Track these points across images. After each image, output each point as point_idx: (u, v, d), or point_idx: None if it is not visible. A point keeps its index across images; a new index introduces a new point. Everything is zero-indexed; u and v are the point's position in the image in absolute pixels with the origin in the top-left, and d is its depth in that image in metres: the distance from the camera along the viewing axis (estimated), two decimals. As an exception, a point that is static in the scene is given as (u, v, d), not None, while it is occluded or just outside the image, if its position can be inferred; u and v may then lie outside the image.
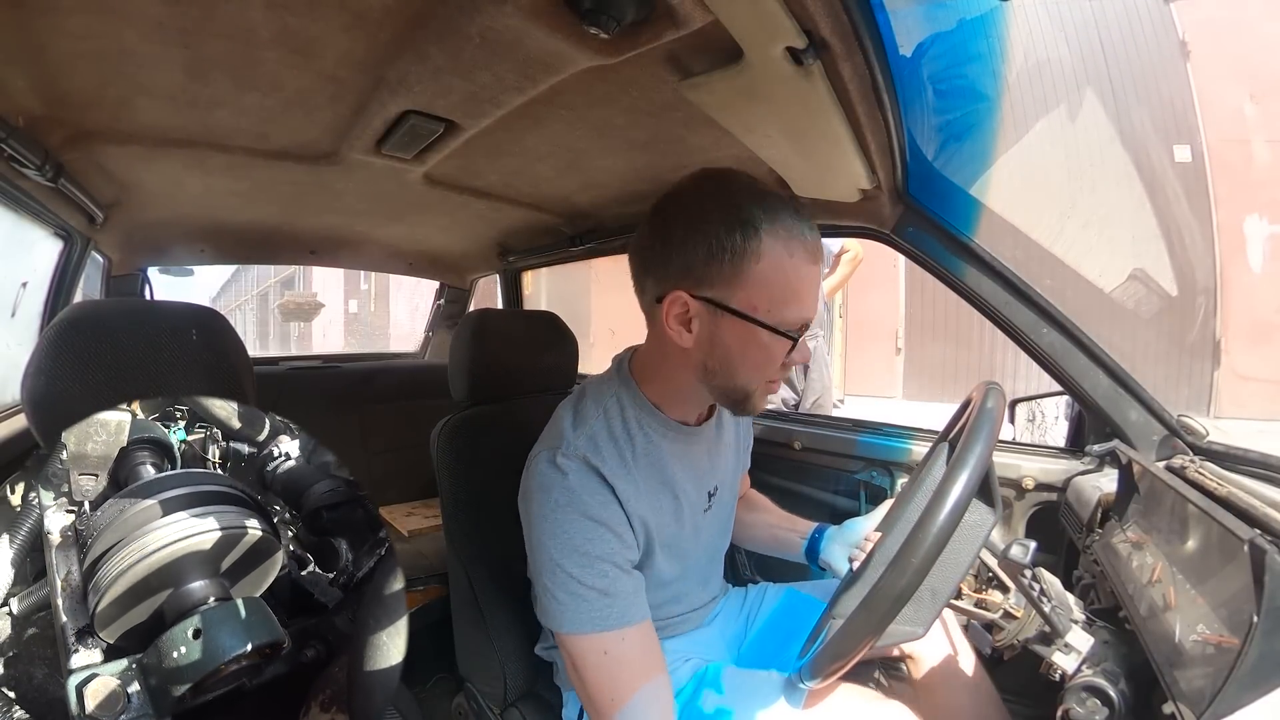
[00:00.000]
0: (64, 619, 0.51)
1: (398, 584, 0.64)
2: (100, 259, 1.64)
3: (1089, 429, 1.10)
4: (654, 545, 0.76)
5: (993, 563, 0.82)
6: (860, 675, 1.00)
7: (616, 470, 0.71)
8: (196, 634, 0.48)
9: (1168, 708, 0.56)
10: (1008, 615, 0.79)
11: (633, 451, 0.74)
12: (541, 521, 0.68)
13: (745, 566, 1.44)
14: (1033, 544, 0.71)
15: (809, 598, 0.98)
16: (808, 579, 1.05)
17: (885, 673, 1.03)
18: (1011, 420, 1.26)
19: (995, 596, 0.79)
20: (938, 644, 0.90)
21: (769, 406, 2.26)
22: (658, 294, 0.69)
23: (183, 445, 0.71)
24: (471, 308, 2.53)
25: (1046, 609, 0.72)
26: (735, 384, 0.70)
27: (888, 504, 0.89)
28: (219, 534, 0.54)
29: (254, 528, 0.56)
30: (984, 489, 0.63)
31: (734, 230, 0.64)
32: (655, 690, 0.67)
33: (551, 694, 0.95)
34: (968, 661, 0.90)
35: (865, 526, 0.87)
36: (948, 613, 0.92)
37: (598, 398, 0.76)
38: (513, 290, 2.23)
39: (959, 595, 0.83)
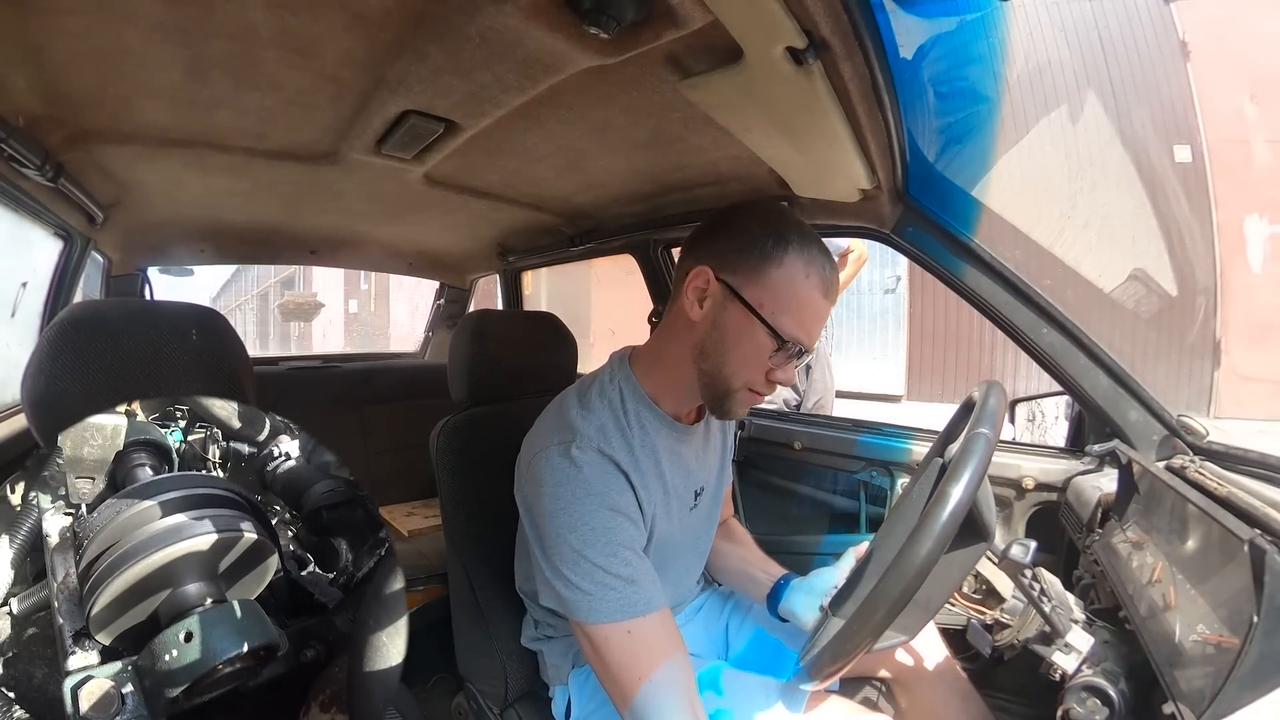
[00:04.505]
0: (61, 621, 0.51)
1: (398, 584, 0.64)
2: (100, 259, 1.64)
3: (1089, 429, 1.10)
4: (651, 535, 0.77)
5: (988, 572, 0.82)
6: (850, 692, 1.00)
7: (627, 459, 0.73)
8: (189, 636, 0.48)
9: (1168, 708, 0.56)
10: (1000, 624, 0.79)
11: (635, 441, 0.76)
12: (560, 515, 0.69)
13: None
14: (1033, 544, 0.71)
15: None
16: None
17: (877, 689, 1.03)
18: (1011, 420, 1.26)
19: (989, 605, 0.79)
20: (926, 659, 0.90)
21: (769, 406, 2.28)
22: (689, 266, 0.75)
23: (182, 446, 0.71)
24: (471, 308, 2.53)
25: (1046, 609, 0.72)
26: (723, 372, 0.74)
27: (854, 554, 0.85)
28: (215, 537, 0.54)
29: (249, 530, 0.56)
30: (970, 525, 0.61)
31: (770, 236, 0.71)
32: (680, 666, 0.68)
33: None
34: (956, 676, 0.90)
35: (831, 578, 0.83)
36: (938, 626, 0.93)
37: (600, 389, 0.79)
38: (513, 290, 2.23)
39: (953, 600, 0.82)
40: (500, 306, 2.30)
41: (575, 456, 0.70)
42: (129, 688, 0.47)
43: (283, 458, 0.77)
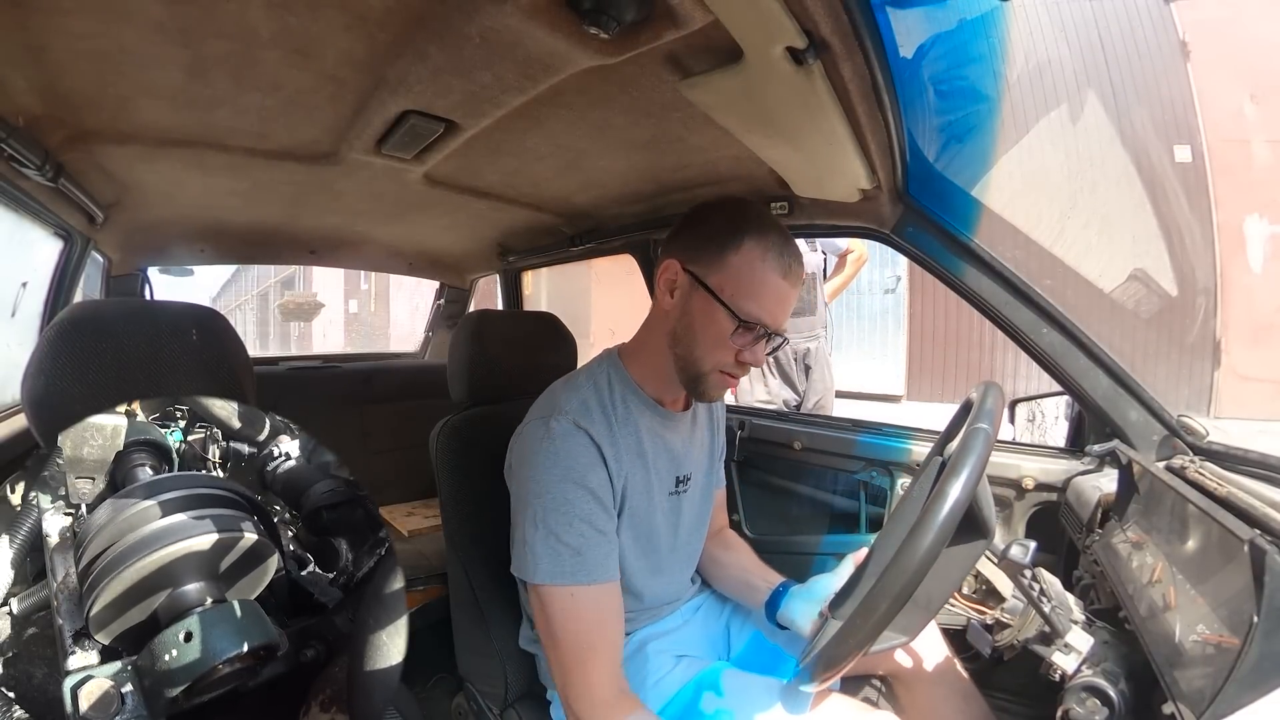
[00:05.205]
0: (61, 621, 0.51)
1: (398, 584, 0.64)
2: (100, 259, 1.64)
3: (1089, 429, 1.10)
4: (624, 509, 0.81)
5: (988, 572, 0.82)
6: (850, 691, 1.00)
7: (603, 433, 0.78)
8: (189, 636, 0.48)
9: (1168, 708, 0.56)
10: (1000, 624, 0.79)
11: (616, 417, 0.81)
12: (531, 481, 0.75)
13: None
14: (1033, 544, 0.71)
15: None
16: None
17: (877, 688, 1.03)
18: (1011, 420, 1.26)
19: (989, 605, 0.79)
20: (926, 659, 0.90)
21: (769, 406, 2.28)
22: (662, 261, 0.81)
23: (182, 446, 0.71)
24: (471, 308, 2.53)
25: (1046, 609, 0.72)
26: (693, 355, 0.79)
27: (853, 561, 0.85)
28: (215, 536, 0.54)
29: (249, 531, 0.56)
30: (970, 522, 0.61)
31: (729, 226, 0.77)
32: (611, 636, 0.75)
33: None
34: (957, 676, 0.90)
35: (830, 585, 0.84)
36: (938, 625, 0.92)
37: (589, 373, 0.86)
38: (513, 290, 2.23)
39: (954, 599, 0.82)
40: (500, 306, 2.30)
41: (553, 428, 0.76)
42: (129, 687, 0.47)
43: (283, 458, 0.77)
